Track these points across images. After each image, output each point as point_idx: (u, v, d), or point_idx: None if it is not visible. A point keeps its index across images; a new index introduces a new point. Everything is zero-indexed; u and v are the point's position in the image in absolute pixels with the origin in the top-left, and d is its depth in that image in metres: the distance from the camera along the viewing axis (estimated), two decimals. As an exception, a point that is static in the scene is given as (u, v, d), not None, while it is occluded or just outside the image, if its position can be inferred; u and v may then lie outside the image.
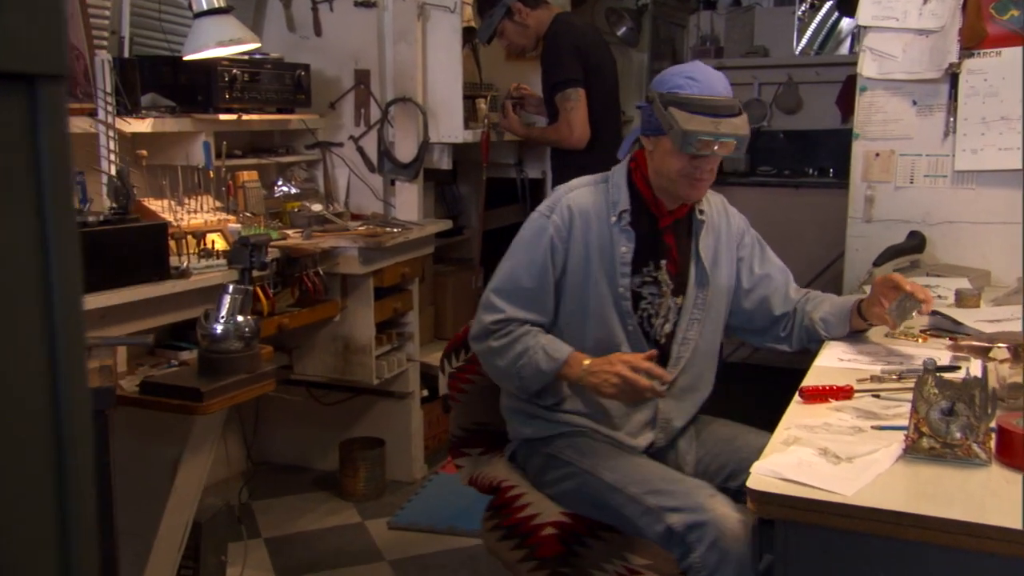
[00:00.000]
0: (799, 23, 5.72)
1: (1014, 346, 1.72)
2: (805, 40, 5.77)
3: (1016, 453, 1.35)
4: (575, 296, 1.96)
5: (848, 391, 1.71)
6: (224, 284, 2.14)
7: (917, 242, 2.75)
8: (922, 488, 1.32)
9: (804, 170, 5.47)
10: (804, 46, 5.76)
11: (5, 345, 0.56)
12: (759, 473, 1.34)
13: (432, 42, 3.43)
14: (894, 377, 1.79)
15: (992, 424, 1.38)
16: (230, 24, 2.59)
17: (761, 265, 2.10)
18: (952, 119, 2.70)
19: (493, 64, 4.01)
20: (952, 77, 2.67)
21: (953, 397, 1.38)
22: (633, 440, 1.99)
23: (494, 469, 2.14)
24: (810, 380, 1.77)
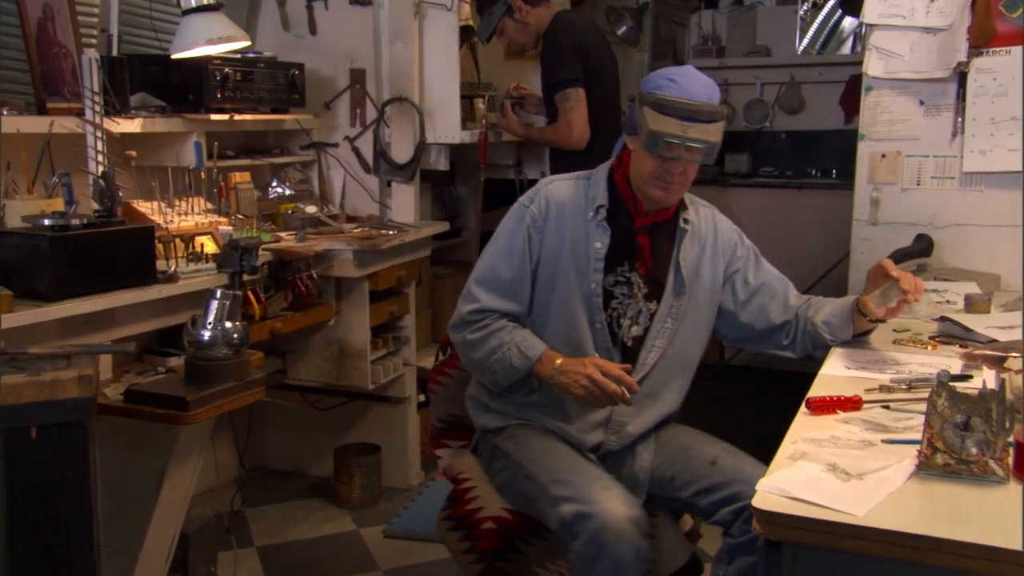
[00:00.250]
0: (801, 22, 5.67)
1: (1030, 355, 1.66)
2: (807, 39, 5.72)
3: (1035, 470, 1.29)
4: (544, 288, 1.97)
5: (856, 402, 1.65)
6: (212, 289, 2.07)
7: (924, 245, 2.70)
8: (936, 508, 1.25)
9: (807, 171, 5.43)
10: (806, 45, 5.72)
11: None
12: (765, 491, 1.28)
13: (429, 41, 3.38)
14: (904, 387, 1.73)
15: (1010, 439, 1.32)
16: (219, 21, 2.53)
17: (756, 275, 2.07)
18: (960, 119, 2.64)
19: (492, 63, 3.96)
20: (960, 76, 2.62)
21: (969, 411, 1.32)
22: (581, 436, 1.97)
23: (461, 461, 2.18)
24: (817, 390, 1.72)
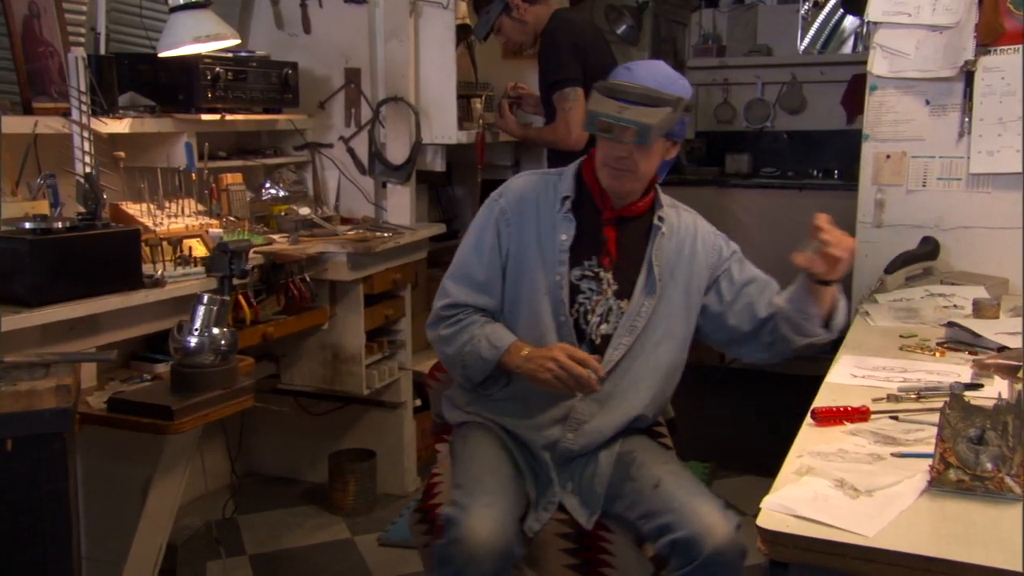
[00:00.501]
0: (803, 21, 5.62)
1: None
2: (808, 39, 5.67)
3: (1053, 487, 1.23)
4: (514, 282, 1.96)
5: (864, 412, 1.59)
6: (198, 294, 2.01)
7: (930, 248, 2.65)
8: (950, 527, 1.20)
9: (808, 171, 5.37)
10: (807, 45, 5.66)
11: None
12: (770, 509, 1.22)
13: (425, 39, 3.32)
14: (913, 396, 1.67)
15: (1026, 454, 1.26)
16: (208, 19, 2.47)
17: (741, 273, 2.03)
18: (967, 119, 2.59)
19: (489, 63, 3.91)
20: (967, 75, 2.57)
21: (983, 424, 1.26)
22: (536, 433, 1.93)
23: (442, 456, 2.16)
24: (822, 399, 1.66)
